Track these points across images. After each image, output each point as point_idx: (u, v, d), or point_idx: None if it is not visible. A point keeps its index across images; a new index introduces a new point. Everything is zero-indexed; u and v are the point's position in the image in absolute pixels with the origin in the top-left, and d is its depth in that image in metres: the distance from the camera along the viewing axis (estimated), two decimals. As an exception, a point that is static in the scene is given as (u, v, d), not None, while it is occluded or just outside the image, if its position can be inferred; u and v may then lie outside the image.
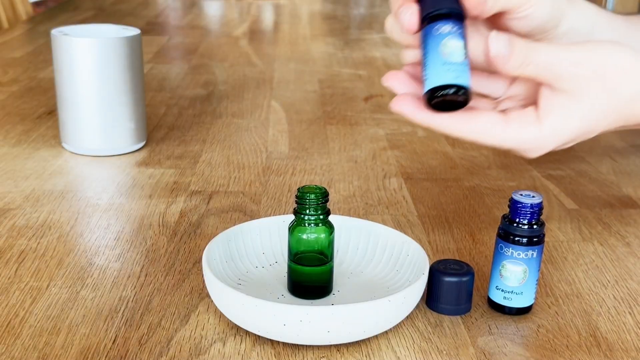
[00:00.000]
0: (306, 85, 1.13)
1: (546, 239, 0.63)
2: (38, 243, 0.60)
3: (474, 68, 0.50)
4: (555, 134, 0.49)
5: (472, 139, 0.49)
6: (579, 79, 0.48)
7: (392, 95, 0.50)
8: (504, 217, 0.50)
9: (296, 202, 0.50)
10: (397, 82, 0.51)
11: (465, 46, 0.48)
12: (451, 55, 0.47)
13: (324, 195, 0.50)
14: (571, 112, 0.49)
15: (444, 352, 0.47)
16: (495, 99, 0.55)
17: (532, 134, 0.49)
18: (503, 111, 0.52)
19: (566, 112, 0.49)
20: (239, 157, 0.81)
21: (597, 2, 3.05)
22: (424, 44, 0.49)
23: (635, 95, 0.50)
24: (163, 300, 0.52)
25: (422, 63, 0.49)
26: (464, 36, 0.48)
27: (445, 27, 0.48)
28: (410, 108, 0.49)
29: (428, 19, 0.49)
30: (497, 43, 0.47)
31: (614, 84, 0.49)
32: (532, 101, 0.52)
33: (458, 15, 0.49)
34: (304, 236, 0.50)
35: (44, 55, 1.25)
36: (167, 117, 0.95)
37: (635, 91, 0.49)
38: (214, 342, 0.47)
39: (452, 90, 0.47)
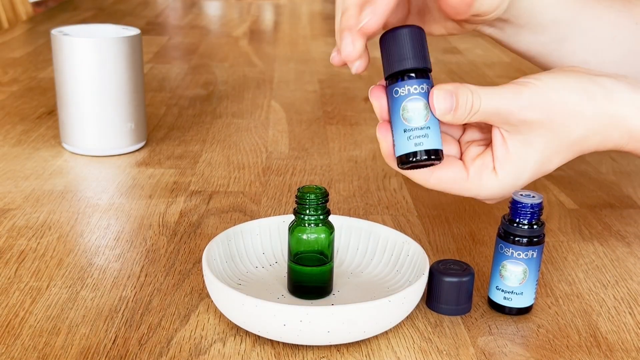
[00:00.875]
0: (306, 85, 1.13)
1: (546, 239, 0.63)
2: (38, 243, 0.60)
3: None
4: (513, 182, 0.51)
5: (436, 189, 0.51)
6: (527, 124, 0.49)
7: None
8: (504, 217, 0.50)
9: (296, 202, 0.50)
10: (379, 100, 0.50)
11: (428, 105, 0.47)
12: (411, 120, 0.47)
13: (324, 195, 0.50)
14: (525, 159, 0.50)
15: (444, 352, 0.47)
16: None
17: (491, 186, 0.51)
18: (467, 143, 0.53)
19: (520, 160, 0.50)
20: (239, 157, 0.81)
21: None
22: (389, 104, 0.49)
23: (584, 135, 0.51)
24: (163, 300, 0.52)
25: (390, 123, 0.49)
26: (426, 92, 0.47)
27: (404, 89, 0.47)
28: (387, 146, 0.50)
29: (388, 80, 0.48)
30: (438, 101, 0.47)
31: (562, 126, 0.50)
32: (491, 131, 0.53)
33: (418, 70, 0.47)
34: (304, 236, 0.50)
35: (44, 55, 1.25)
36: (167, 117, 0.95)
37: (583, 132, 0.51)
38: (214, 342, 0.47)
39: (416, 158, 0.47)
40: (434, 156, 0.47)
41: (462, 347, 0.47)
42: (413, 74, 0.47)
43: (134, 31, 0.80)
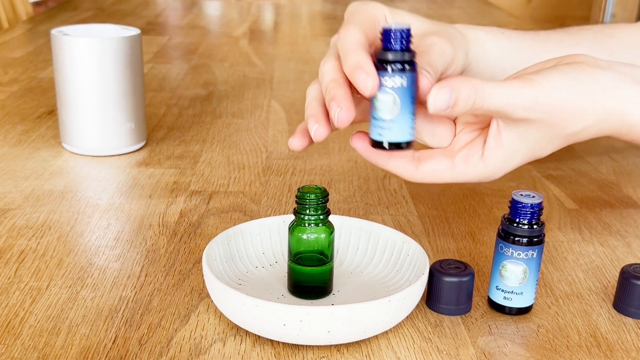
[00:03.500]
0: (306, 85, 1.13)
1: (546, 239, 0.63)
2: (38, 243, 0.60)
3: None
4: (501, 168, 0.52)
5: (422, 182, 0.52)
6: (527, 121, 0.50)
7: None
8: (504, 217, 0.50)
9: (296, 202, 0.50)
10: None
11: (399, 100, 0.47)
12: (379, 111, 0.47)
13: (324, 195, 0.50)
14: (516, 149, 0.51)
15: (444, 352, 0.47)
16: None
17: (477, 172, 0.52)
18: (462, 124, 0.54)
19: (512, 151, 0.51)
20: (239, 157, 0.81)
21: (598, 3, 3.06)
22: None
23: (581, 129, 0.51)
24: (163, 300, 0.52)
25: None
26: (400, 87, 0.47)
27: (382, 79, 0.47)
28: (363, 147, 0.52)
29: (377, 62, 0.48)
30: (435, 97, 0.48)
31: (561, 122, 0.51)
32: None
33: (401, 63, 0.47)
34: (304, 236, 0.50)
35: (44, 55, 1.25)
36: (167, 117, 0.95)
37: (581, 127, 0.51)
38: (214, 342, 0.47)
39: (378, 146, 0.48)
40: (396, 148, 0.48)
41: (462, 347, 0.47)
42: (392, 67, 0.46)
43: (134, 31, 0.80)
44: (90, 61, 0.75)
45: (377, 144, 0.49)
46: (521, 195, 0.50)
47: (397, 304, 0.46)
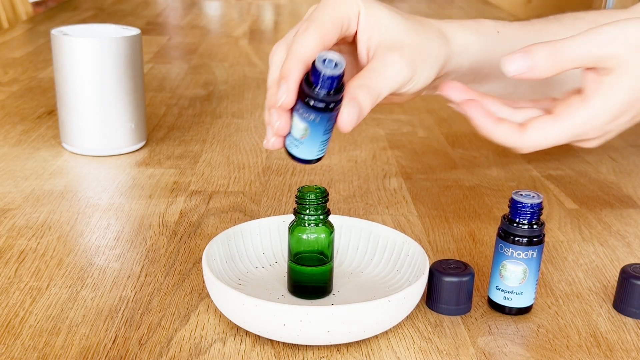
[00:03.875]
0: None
1: (546, 239, 0.63)
2: (38, 243, 0.60)
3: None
4: (605, 110, 0.50)
5: (528, 147, 0.51)
6: (616, 56, 0.49)
7: None
8: (504, 217, 0.50)
9: (296, 202, 0.50)
10: (456, 92, 0.52)
11: (310, 131, 0.48)
12: (292, 128, 0.49)
13: (323, 195, 0.50)
14: (616, 86, 0.50)
15: (444, 352, 0.47)
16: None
17: (582, 117, 0.50)
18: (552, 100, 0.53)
19: (611, 87, 0.50)
20: (239, 157, 0.81)
21: (598, 3, 3.06)
22: None
23: None
24: (163, 300, 0.52)
25: None
26: (314, 121, 0.48)
27: (300, 103, 0.48)
28: (476, 113, 0.51)
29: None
30: (510, 63, 0.48)
31: None
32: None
33: (320, 101, 0.47)
34: (304, 236, 0.50)
35: (44, 55, 1.25)
36: (167, 117, 0.95)
37: None
38: (214, 342, 0.47)
39: (287, 155, 0.50)
40: (302, 162, 0.50)
41: (462, 347, 0.47)
42: (311, 103, 0.47)
43: (134, 31, 0.80)
44: (90, 61, 0.75)
45: (286, 151, 0.50)
46: (521, 195, 0.50)
47: (397, 304, 0.46)
